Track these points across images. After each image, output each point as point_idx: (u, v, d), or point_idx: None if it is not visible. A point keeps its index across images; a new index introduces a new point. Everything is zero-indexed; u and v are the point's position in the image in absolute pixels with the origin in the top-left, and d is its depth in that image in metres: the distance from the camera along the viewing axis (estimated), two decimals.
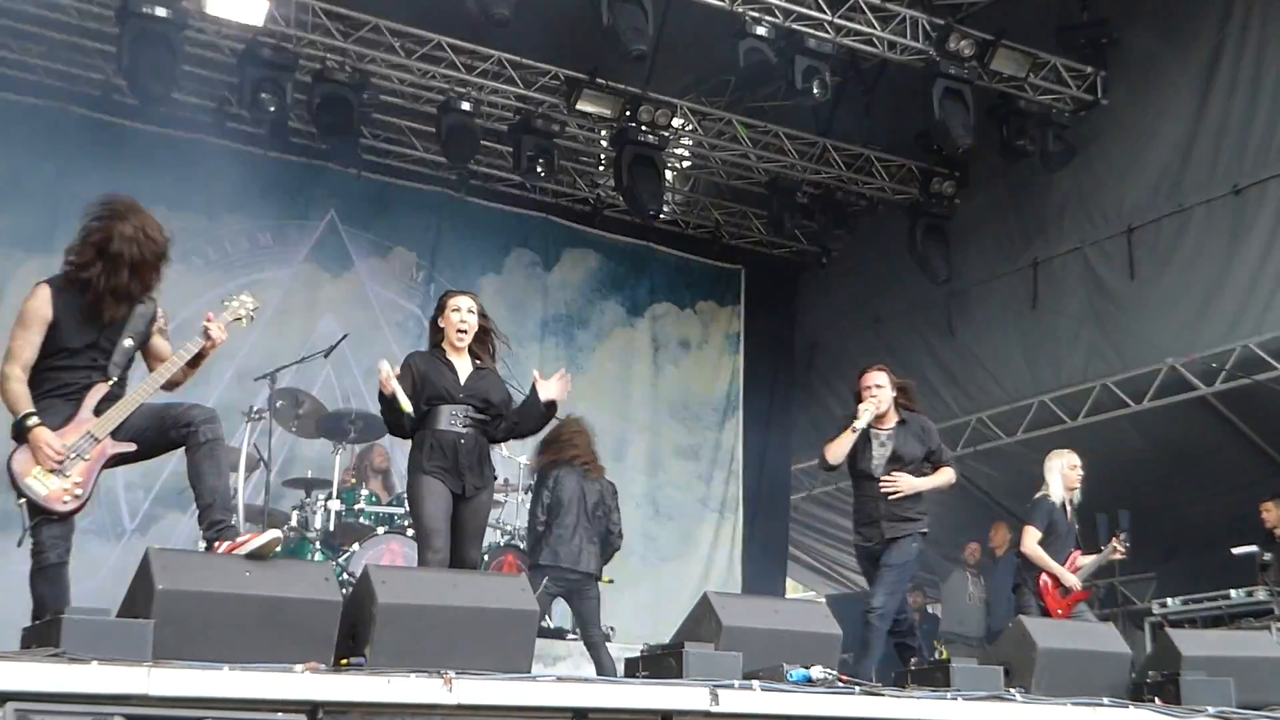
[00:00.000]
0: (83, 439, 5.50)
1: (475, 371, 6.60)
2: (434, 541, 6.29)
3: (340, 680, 4.41)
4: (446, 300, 6.74)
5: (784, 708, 5.18)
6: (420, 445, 6.46)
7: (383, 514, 9.54)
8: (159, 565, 4.57)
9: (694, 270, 14.58)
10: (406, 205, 12.79)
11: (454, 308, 6.64)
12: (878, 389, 7.57)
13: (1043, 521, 8.49)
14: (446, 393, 6.46)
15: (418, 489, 6.41)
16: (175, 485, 10.68)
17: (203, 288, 11.67)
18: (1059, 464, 8.61)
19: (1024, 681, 6.20)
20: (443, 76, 11.43)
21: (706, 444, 14.29)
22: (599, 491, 8.47)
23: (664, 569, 13.56)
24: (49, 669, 3.93)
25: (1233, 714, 6.26)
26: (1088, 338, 12.05)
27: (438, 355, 6.59)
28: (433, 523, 6.32)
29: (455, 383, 6.50)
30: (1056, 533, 8.48)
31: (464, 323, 6.58)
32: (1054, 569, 8.40)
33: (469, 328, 6.60)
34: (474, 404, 6.48)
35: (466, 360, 6.62)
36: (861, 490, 7.61)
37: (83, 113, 11.17)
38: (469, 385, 6.52)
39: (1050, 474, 8.60)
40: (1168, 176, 11.37)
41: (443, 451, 6.38)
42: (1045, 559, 8.41)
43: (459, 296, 6.73)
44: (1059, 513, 8.52)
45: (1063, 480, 8.54)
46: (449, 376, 6.51)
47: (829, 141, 12.94)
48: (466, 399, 6.47)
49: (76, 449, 5.48)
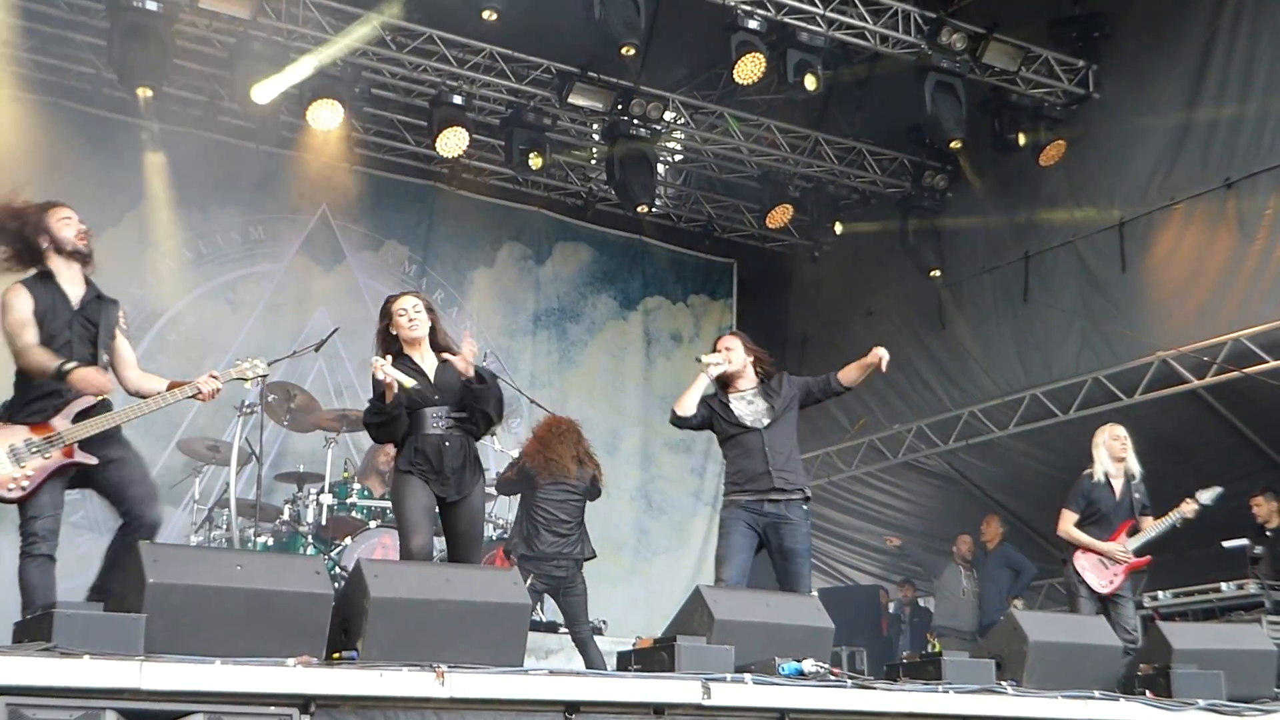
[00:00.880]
0: (51, 437, 5.58)
1: (440, 367, 6.50)
2: (412, 540, 6.27)
3: (332, 674, 4.42)
4: (390, 306, 6.57)
5: (776, 701, 5.20)
6: (406, 449, 6.41)
7: (375, 508, 9.55)
8: (150, 559, 4.57)
9: (686, 264, 14.59)
10: (398, 199, 12.78)
11: (399, 311, 6.50)
12: (728, 350, 7.44)
13: (1077, 503, 8.51)
14: (422, 396, 6.39)
15: (398, 488, 6.41)
16: (167, 480, 10.69)
17: (195, 281, 11.69)
18: (1101, 439, 8.63)
19: (1015, 674, 6.21)
20: (434, 70, 11.42)
21: (699, 437, 14.19)
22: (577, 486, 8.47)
23: (656, 562, 13.58)
24: (41, 663, 3.93)
25: (1223, 707, 6.28)
26: (1080, 331, 12.07)
27: (404, 362, 6.42)
28: (412, 516, 6.30)
29: (428, 384, 6.42)
30: (1099, 510, 8.47)
31: (413, 322, 6.46)
32: (1092, 545, 8.40)
33: (420, 323, 6.48)
34: (450, 403, 6.44)
35: (431, 357, 6.53)
36: (740, 445, 7.28)
37: (74, 106, 11.14)
38: (439, 384, 6.45)
39: (1096, 449, 8.62)
40: (1160, 170, 11.38)
41: (426, 455, 6.35)
42: (1079, 537, 8.43)
43: (401, 299, 6.57)
44: (1100, 489, 8.50)
45: (1107, 452, 8.55)
46: (420, 380, 6.40)
47: (821, 135, 12.94)
48: (443, 400, 6.43)
49: (39, 446, 5.55)
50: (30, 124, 10.77)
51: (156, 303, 11.41)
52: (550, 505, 8.30)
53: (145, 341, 11.25)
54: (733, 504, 7.22)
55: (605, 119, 12.08)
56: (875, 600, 14.59)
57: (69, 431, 5.64)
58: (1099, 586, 8.40)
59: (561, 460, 8.40)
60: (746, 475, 7.21)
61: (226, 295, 11.84)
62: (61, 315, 5.82)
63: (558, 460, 8.39)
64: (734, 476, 7.29)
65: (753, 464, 7.20)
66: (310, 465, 10.19)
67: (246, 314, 11.84)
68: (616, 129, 11.94)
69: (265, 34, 10.65)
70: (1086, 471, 8.59)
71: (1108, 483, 8.54)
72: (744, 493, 7.19)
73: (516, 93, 11.78)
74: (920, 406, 13.85)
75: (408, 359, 6.45)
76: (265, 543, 9.33)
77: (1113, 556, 8.41)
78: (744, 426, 7.27)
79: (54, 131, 10.87)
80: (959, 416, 13.37)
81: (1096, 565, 8.44)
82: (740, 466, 7.26)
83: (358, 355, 12.17)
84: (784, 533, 7.11)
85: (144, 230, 11.40)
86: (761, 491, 7.14)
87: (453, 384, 6.46)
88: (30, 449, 5.56)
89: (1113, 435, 8.62)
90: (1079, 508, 8.52)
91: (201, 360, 11.44)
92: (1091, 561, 8.45)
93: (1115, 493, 8.53)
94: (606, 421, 13.49)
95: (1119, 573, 8.42)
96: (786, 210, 13.31)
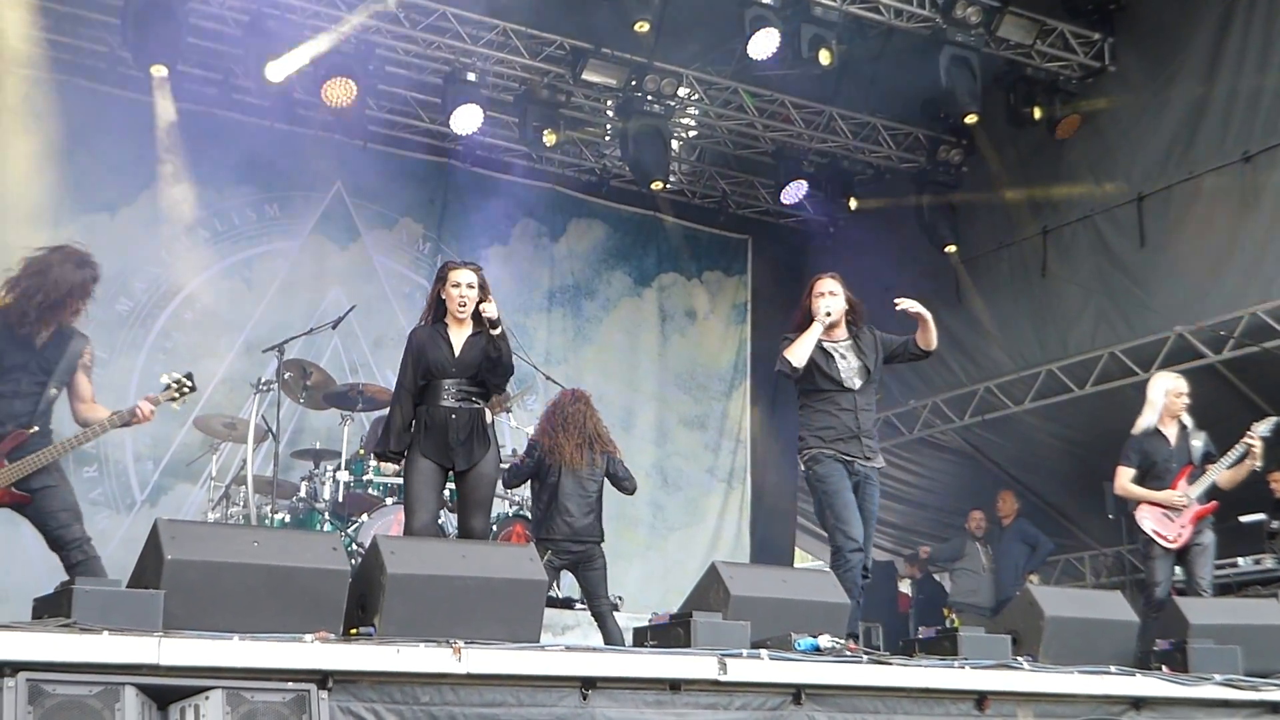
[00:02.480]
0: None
1: (468, 341, 6.62)
2: (412, 521, 6.44)
3: (350, 650, 4.44)
4: (448, 273, 6.71)
5: (792, 677, 5.21)
6: (418, 421, 6.59)
7: (391, 485, 9.56)
8: (168, 536, 4.59)
9: (700, 240, 14.54)
10: (412, 176, 12.76)
11: (454, 283, 6.63)
12: (831, 296, 7.23)
13: (1132, 458, 8.21)
14: (440, 368, 6.55)
15: (407, 468, 6.60)
16: (184, 456, 10.75)
17: (212, 259, 11.70)
18: (1159, 389, 8.32)
19: (1032, 649, 6.22)
20: (448, 47, 11.38)
21: (714, 414, 14.29)
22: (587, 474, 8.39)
23: (671, 539, 13.59)
24: (60, 639, 3.96)
25: (1240, 681, 6.28)
26: (1096, 306, 12.02)
27: (439, 330, 6.64)
28: (417, 492, 6.48)
29: (450, 358, 6.58)
30: (1155, 461, 8.16)
31: (463, 298, 6.59)
32: (1148, 496, 8.11)
33: (469, 303, 6.60)
34: (466, 378, 6.56)
35: (466, 330, 6.66)
36: (833, 403, 7.13)
37: (88, 85, 11.14)
38: (462, 359, 6.59)
39: (1151, 395, 8.33)
40: (1179, 144, 11.31)
41: (433, 429, 6.49)
42: (1136, 491, 8.15)
43: (460, 270, 6.70)
44: (1153, 440, 8.21)
45: (1164, 409, 8.24)
46: (445, 351, 6.58)
47: (835, 110, 12.88)
48: (459, 374, 6.55)
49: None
50: (45, 103, 10.75)
51: (172, 281, 11.42)
52: (560, 492, 8.26)
53: (161, 319, 11.29)
54: (826, 457, 7.05)
55: (619, 95, 12.04)
56: (891, 576, 14.58)
57: (3, 473, 5.68)
58: (1168, 542, 8.04)
59: (563, 449, 8.29)
60: (837, 433, 7.08)
61: (242, 273, 11.84)
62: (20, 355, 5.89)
63: (559, 449, 8.31)
64: (821, 430, 7.10)
65: (843, 423, 7.08)
66: (326, 442, 10.22)
67: (262, 292, 11.85)
68: (630, 105, 11.90)
69: (279, 11, 10.62)
70: (1137, 423, 8.28)
71: (1161, 432, 8.23)
72: (832, 447, 7.05)
73: (530, 69, 11.75)
74: (935, 382, 13.82)
75: (444, 328, 6.64)
76: (282, 519, 9.35)
77: (1173, 504, 8.07)
78: (840, 384, 7.15)
79: (68, 110, 10.85)
80: (974, 392, 13.34)
81: (1160, 519, 8.10)
82: (829, 423, 7.10)
83: (373, 332, 12.20)
84: (866, 493, 7.06)
85: (159, 209, 11.40)
86: (850, 454, 7.06)
87: (473, 358, 6.60)
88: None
89: (1176, 392, 8.27)
90: (1134, 462, 8.19)
91: (218, 338, 11.49)
92: (1155, 515, 8.11)
93: (1170, 441, 8.21)
94: (622, 398, 13.49)
95: (1186, 523, 8.06)
96: (801, 186, 13.26)
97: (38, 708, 3.64)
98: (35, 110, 10.70)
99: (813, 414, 7.17)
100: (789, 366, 7.09)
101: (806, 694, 5.21)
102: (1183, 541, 8.09)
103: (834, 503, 6.96)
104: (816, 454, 7.08)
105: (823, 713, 5.23)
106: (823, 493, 7.04)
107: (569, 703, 4.75)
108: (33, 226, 10.36)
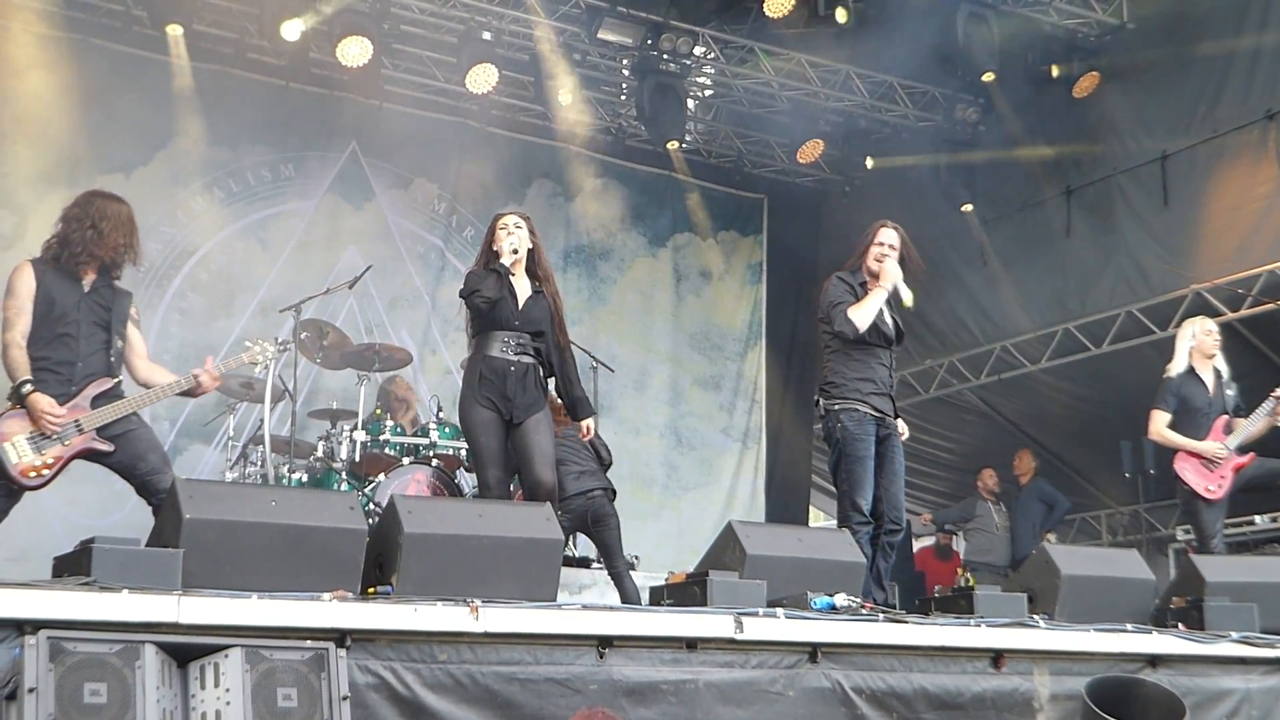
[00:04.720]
0: (71, 424, 5.62)
1: (532, 297, 6.56)
2: (486, 475, 6.36)
3: (368, 608, 4.46)
4: (495, 220, 6.66)
5: (808, 635, 5.22)
6: (473, 371, 6.49)
7: (408, 444, 9.58)
8: (186, 495, 4.62)
9: (716, 200, 14.48)
10: (427, 136, 12.70)
11: (501, 225, 6.58)
12: (890, 248, 7.19)
13: (1168, 401, 8.04)
14: (503, 319, 6.45)
15: (468, 421, 6.45)
16: (201, 417, 10.77)
17: (227, 219, 11.69)
18: (1189, 331, 8.17)
19: (1048, 608, 6.22)
20: (464, 6, 11.32)
21: (728, 374, 14.27)
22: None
23: (686, 499, 13.60)
24: (80, 597, 3.98)
25: (1256, 639, 6.28)
26: (1117, 266, 11.95)
27: (500, 279, 6.47)
28: (485, 454, 6.38)
29: (514, 309, 6.48)
30: (1192, 406, 8.01)
31: (511, 237, 6.51)
32: (1187, 445, 7.95)
33: (520, 244, 6.52)
34: (529, 332, 6.49)
35: (526, 283, 6.59)
36: (874, 356, 7.06)
37: (104, 44, 11.11)
38: (525, 312, 6.51)
39: (1180, 342, 8.19)
40: (1203, 102, 11.20)
41: (492, 380, 6.39)
42: (1173, 438, 7.98)
43: (505, 215, 6.66)
44: (1191, 384, 8.07)
45: (1197, 347, 8.09)
46: (509, 302, 6.47)
47: (852, 69, 12.77)
48: (522, 327, 6.48)
49: (61, 433, 5.59)
50: (60, 62, 10.73)
51: (187, 241, 11.43)
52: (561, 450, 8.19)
53: (177, 280, 11.29)
54: (861, 413, 6.95)
55: (635, 54, 11.96)
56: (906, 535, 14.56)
57: (87, 419, 5.69)
58: (1208, 492, 7.91)
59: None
60: (875, 387, 7.01)
61: (257, 233, 11.84)
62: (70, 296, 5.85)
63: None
64: (857, 383, 6.99)
65: (878, 378, 7.03)
66: (343, 402, 10.23)
67: (277, 252, 11.85)
68: (646, 64, 11.83)
69: None
70: (1169, 368, 8.15)
71: (1198, 376, 8.08)
72: (868, 401, 6.97)
73: (546, 28, 11.68)
74: (952, 341, 13.79)
75: (506, 275, 6.48)
76: (299, 479, 9.38)
77: (1213, 456, 7.94)
78: (887, 340, 7.10)
79: (84, 70, 10.84)
80: (991, 351, 13.31)
81: (1199, 469, 7.95)
82: (868, 374, 7.01)
83: (388, 293, 12.20)
84: (894, 447, 7.04)
85: (175, 169, 11.40)
86: (883, 410, 7.03)
87: (537, 316, 6.52)
88: (51, 435, 5.60)
89: (1205, 329, 8.14)
90: (1170, 406, 8.01)
91: (232, 299, 11.49)
92: (1193, 465, 7.97)
93: (1208, 388, 8.07)
94: (636, 358, 13.49)
95: (1226, 474, 7.94)
96: (817, 145, 13.20)
97: (59, 665, 3.66)
98: (51, 70, 10.68)
99: (850, 363, 7.04)
100: (852, 329, 6.96)
101: (823, 652, 5.22)
102: (1223, 493, 7.98)
103: (854, 468, 6.89)
104: (850, 408, 6.97)
105: (839, 670, 5.24)
106: (846, 454, 6.93)
107: (586, 661, 4.77)
108: (49, 187, 10.39)
